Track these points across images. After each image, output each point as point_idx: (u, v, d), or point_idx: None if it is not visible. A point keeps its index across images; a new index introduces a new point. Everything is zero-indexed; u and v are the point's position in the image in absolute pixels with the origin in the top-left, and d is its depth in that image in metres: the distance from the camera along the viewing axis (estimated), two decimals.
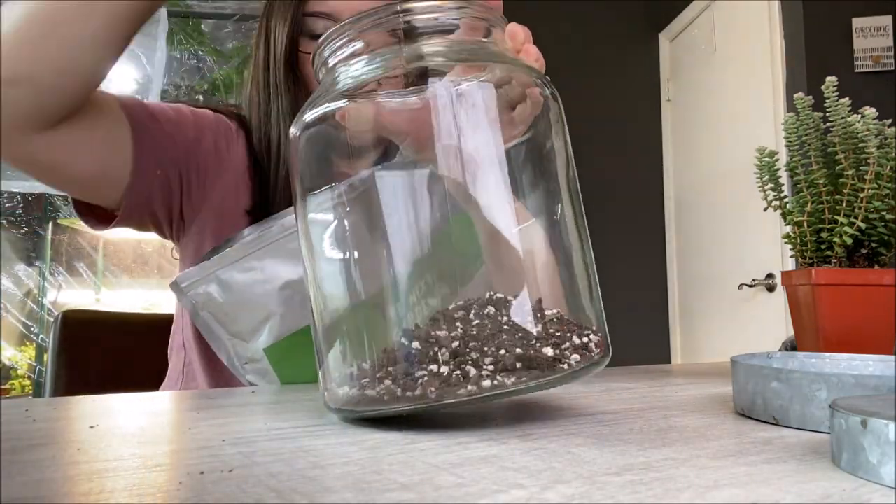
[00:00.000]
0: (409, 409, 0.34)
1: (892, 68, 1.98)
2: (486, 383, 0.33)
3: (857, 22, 2.00)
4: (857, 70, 1.98)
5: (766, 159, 0.64)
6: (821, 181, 0.60)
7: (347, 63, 0.41)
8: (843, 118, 0.59)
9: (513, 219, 0.39)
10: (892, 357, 0.45)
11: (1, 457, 0.29)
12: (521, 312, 0.36)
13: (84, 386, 0.97)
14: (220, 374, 0.72)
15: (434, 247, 0.40)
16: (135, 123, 0.69)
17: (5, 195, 2.42)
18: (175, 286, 0.63)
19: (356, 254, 0.40)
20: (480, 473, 0.27)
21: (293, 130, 0.41)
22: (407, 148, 0.46)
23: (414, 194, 0.40)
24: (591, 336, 0.38)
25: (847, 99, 0.60)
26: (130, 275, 2.75)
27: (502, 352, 0.34)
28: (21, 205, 2.48)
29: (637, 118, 2.93)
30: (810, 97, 0.63)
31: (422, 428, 0.36)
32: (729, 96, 2.50)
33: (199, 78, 2.59)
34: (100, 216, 0.73)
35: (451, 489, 0.24)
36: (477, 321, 0.36)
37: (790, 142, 0.63)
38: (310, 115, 0.40)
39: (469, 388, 0.33)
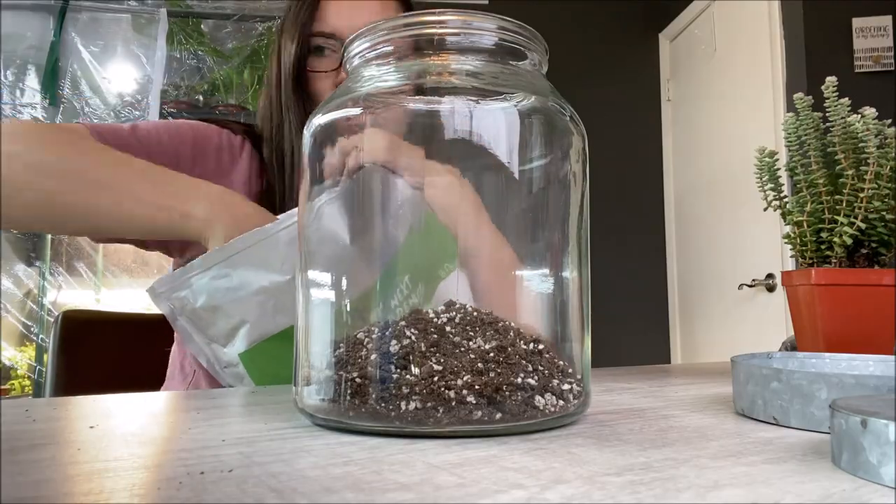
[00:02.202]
0: (377, 430, 0.34)
1: (892, 68, 1.98)
2: (455, 417, 0.33)
3: (857, 22, 2.00)
4: (857, 70, 1.99)
5: (766, 159, 0.64)
6: (821, 181, 0.60)
7: (371, 66, 0.40)
8: (842, 118, 0.59)
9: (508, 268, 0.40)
10: (892, 357, 0.45)
11: (1, 457, 0.29)
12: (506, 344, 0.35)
13: (84, 386, 0.97)
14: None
15: (418, 255, 0.40)
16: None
17: None
18: (152, 291, 0.63)
19: (342, 256, 0.40)
20: (480, 473, 0.27)
21: (307, 127, 0.41)
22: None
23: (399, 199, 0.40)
24: (574, 385, 0.37)
25: (847, 99, 0.60)
26: (130, 275, 2.75)
27: (478, 385, 0.34)
28: None
29: (637, 118, 2.93)
30: (810, 97, 0.63)
31: None
32: (729, 96, 2.50)
33: (199, 78, 2.59)
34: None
35: (451, 489, 0.24)
36: (458, 349, 0.35)
37: (790, 142, 0.63)
38: (323, 118, 0.40)
39: (439, 418, 0.33)
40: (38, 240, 2.47)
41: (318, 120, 0.40)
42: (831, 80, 0.60)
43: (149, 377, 0.86)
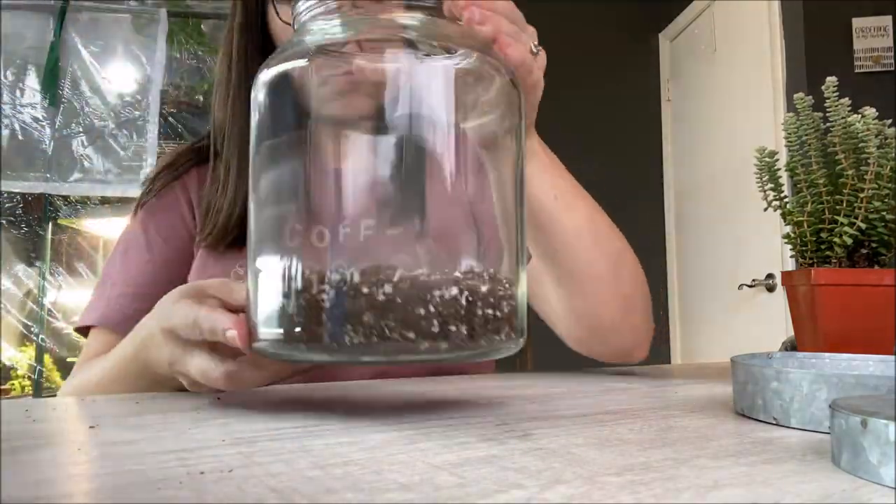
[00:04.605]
0: (323, 361, 0.36)
1: (892, 68, 1.97)
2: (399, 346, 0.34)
3: (857, 22, 2.00)
4: (857, 70, 1.98)
5: (766, 159, 0.64)
6: (821, 181, 0.60)
7: (318, 20, 0.41)
8: (843, 118, 0.59)
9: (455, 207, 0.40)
10: (892, 357, 0.45)
11: (1, 457, 0.29)
12: (447, 281, 0.36)
13: None
14: None
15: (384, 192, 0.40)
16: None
17: (5, 195, 2.42)
18: None
19: (300, 189, 0.40)
20: (480, 473, 0.27)
21: (254, 85, 0.41)
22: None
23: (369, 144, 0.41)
24: (508, 320, 0.38)
25: (847, 99, 0.60)
26: None
27: (424, 318, 0.34)
28: (21, 205, 2.48)
29: (637, 118, 2.93)
30: (810, 97, 0.62)
31: (422, 428, 0.36)
32: (729, 96, 2.50)
33: (199, 78, 2.59)
34: None
35: (451, 489, 0.24)
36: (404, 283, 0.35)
37: (790, 142, 0.63)
38: (271, 71, 0.40)
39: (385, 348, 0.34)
40: (38, 240, 2.48)
41: (264, 75, 0.40)
42: (831, 80, 0.60)
43: None
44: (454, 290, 0.36)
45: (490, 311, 0.37)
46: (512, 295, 0.39)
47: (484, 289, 0.37)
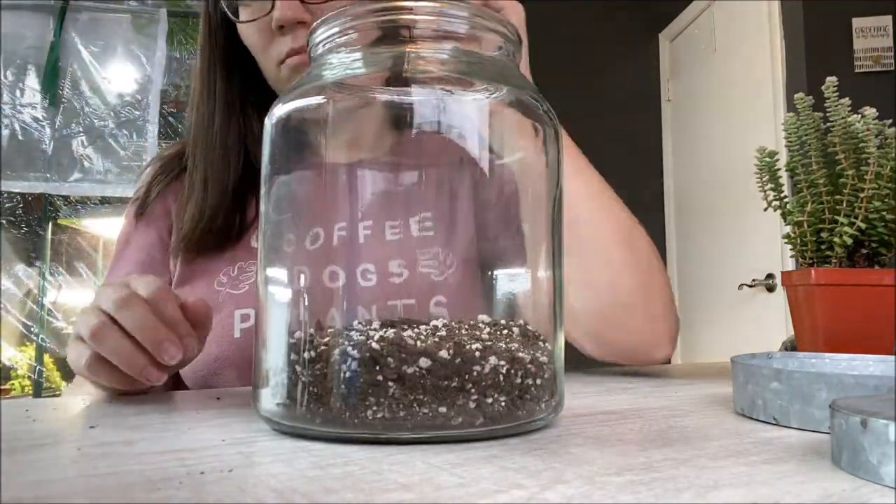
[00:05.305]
0: (343, 436, 0.32)
1: (892, 68, 1.97)
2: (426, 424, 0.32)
3: (857, 22, 2.00)
4: (857, 70, 1.98)
5: (766, 159, 0.64)
6: (821, 181, 0.60)
7: (337, 53, 0.38)
8: (843, 118, 0.59)
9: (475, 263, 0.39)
10: (892, 357, 0.45)
11: (1, 457, 0.29)
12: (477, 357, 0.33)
13: None
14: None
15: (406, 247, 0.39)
16: None
17: (5, 195, 2.42)
18: None
19: (313, 237, 0.38)
20: (480, 473, 0.27)
21: (269, 117, 0.39)
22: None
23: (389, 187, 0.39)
24: (548, 388, 0.36)
25: (847, 99, 0.60)
26: None
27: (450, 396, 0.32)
28: (21, 205, 2.47)
29: (637, 118, 2.93)
30: (810, 97, 0.62)
31: None
32: (729, 96, 2.50)
33: None
34: None
35: (451, 489, 0.24)
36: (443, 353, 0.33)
37: (790, 142, 0.63)
38: (284, 108, 0.38)
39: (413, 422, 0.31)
40: (38, 240, 2.48)
41: (279, 110, 0.38)
42: (831, 80, 0.60)
43: None
44: (493, 360, 0.33)
45: (530, 381, 0.34)
46: (552, 356, 0.37)
47: (524, 354, 0.35)
